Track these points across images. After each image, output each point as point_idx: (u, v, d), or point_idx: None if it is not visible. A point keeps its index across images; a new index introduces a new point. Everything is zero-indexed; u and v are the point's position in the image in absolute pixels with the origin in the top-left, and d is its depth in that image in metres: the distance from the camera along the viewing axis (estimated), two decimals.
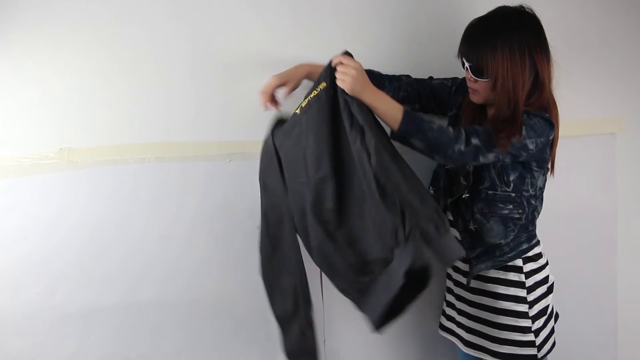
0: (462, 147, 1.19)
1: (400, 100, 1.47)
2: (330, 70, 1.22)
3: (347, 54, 1.23)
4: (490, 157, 1.21)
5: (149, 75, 1.49)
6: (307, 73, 1.38)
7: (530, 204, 1.32)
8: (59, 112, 1.47)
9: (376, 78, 1.45)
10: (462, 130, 1.21)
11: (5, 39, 1.43)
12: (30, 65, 1.45)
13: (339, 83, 1.19)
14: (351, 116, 1.20)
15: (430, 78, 1.51)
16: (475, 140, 1.19)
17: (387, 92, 1.43)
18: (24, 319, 1.49)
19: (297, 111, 1.30)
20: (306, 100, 1.27)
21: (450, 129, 1.21)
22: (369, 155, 1.17)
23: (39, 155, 1.47)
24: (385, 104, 1.21)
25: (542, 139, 1.23)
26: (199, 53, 1.51)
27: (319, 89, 1.24)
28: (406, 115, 1.19)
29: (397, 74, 1.50)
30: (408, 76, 1.50)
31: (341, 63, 1.19)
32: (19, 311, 1.49)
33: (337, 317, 1.55)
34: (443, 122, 1.48)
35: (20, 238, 1.48)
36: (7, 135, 1.46)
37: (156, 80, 1.50)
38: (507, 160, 1.24)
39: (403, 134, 1.20)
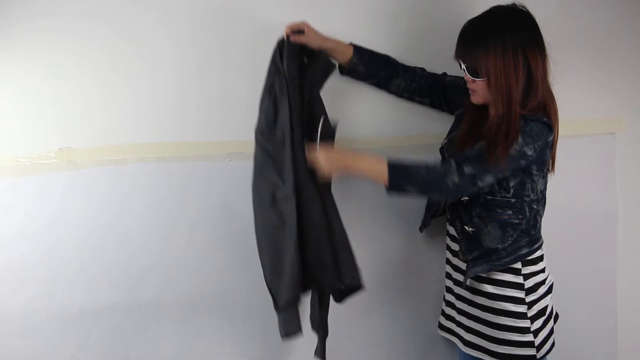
0: (456, 179, 1.21)
1: (411, 92, 1.49)
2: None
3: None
4: (489, 179, 1.23)
5: (148, 75, 1.50)
6: (328, 49, 1.38)
7: (532, 209, 1.31)
8: (59, 112, 1.47)
9: (392, 66, 1.47)
10: (452, 162, 1.23)
11: (6, 39, 1.44)
12: (30, 66, 1.45)
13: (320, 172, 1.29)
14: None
15: (444, 74, 1.51)
16: (468, 169, 1.21)
17: (401, 81, 1.47)
18: (24, 319, 1.50)
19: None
20: None
21: (438, 165, 1.24)
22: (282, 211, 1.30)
23: (39, 155, 1.47)
24: (369, 165, 1.27)
25: (539, 143, 1.22)
26: (199, 53, 1.51)
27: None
28: (391, 168, 1.24)
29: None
30: (423, 69, 1.50)
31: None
32: (19, 311, 1.49)
33: (337, 317, 1.55)
34: (449, 121, 1.49)
35: (20, 238, 1.48)
36: (7, 135, 1.46)
37: (156, 81, 1.50)
38: (509, 173, 1.25)
39: (395, 187, 1.25)
